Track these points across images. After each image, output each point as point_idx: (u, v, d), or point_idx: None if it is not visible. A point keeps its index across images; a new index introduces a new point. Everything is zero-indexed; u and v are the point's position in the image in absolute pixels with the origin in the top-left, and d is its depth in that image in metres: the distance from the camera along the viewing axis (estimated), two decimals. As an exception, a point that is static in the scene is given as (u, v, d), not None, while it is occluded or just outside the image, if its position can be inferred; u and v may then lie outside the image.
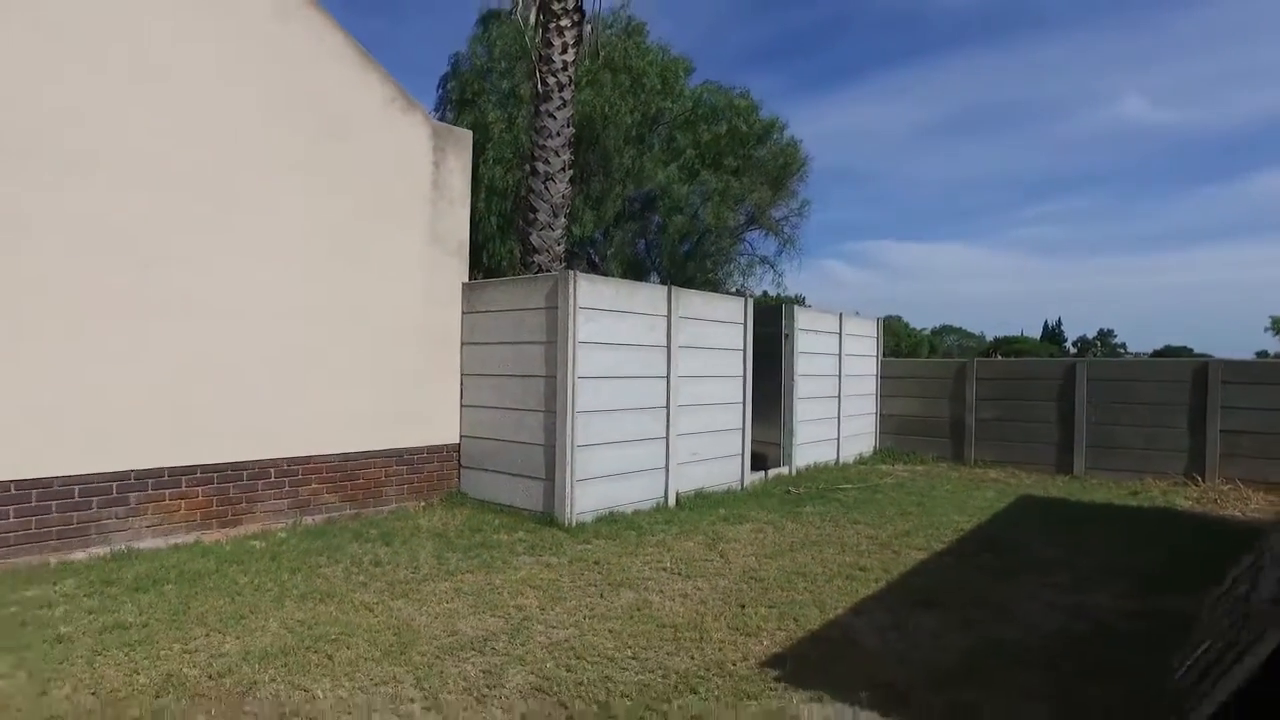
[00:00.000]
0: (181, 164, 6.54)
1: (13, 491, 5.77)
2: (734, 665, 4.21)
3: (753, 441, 10.26)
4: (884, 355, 14.00)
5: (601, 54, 14.22)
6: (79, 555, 6.07)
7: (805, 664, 4.23)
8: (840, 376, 12.33)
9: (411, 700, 3.74)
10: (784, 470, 10.99)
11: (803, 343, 11.31)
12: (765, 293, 27.68)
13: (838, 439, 12.32)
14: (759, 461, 10.67)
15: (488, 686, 3.90)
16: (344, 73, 7.68)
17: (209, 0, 6.69)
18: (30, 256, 5.79)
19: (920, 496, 9.47)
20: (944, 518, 8.18)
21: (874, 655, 4.40)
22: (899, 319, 79.77)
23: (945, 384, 13.07)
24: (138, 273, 6.31)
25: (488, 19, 19.97)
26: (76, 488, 6.07)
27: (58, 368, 5.93)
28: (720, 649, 4.44)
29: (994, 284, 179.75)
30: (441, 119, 19.10)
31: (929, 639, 4.67)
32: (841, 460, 12.33)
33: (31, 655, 4.15)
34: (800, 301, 58.43)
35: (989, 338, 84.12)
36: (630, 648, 4.44)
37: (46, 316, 5.87)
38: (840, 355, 12.34)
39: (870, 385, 13.44)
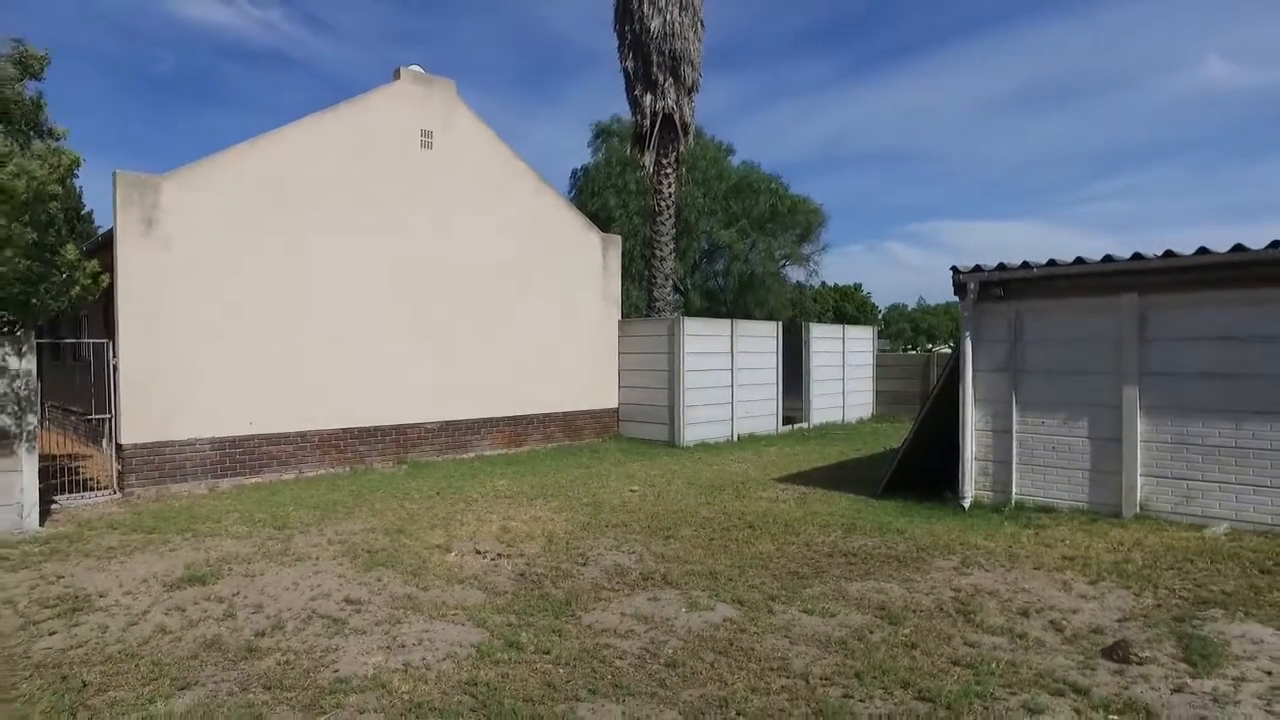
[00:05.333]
0: (504, 272, 13.95)
1: (443, 425, 13.27)
2: (759, 479, 11.29)
3: (785, 407, 17.26)
4: (937, 349, 20.70)
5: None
6: (464, 455, 13.54)
7: (786, 479, 11.29)
8: (843, 366, 19.18)
9: (643, 484, 10.92)
10: (804, 425, 17.95)
11: (816, 346, 18.22)
12: (822, 283, 37.43)
13: (843, 406, 19.20)
14: (789, 419, 17.64)
15: (668, 482, 11.07)
16: (561, 215, 15.02)
17: (507, 196, 14.08)
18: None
19: (879, 435, 16.38)
20: (881, 443, 15.10)
21: (812, 478, 11.42)
22: (957, 305, 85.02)
23: (918, 369, 19.84)
24: (485, 321, 13.76)
25: (599, 133, 28.75)
26: (464, 423, 13.56)
27: (462, 367, 13.40)
28: (754, 477, 11.52)
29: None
30: (575, 201, 27.27)
31: (836, 475, 11.67)
32: (845, 420, 19.19)
33: (496, 480, 11.51)
34: (858, 289, 64.74)
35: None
36: (719, 475, 11.57)
37: (457, 341, 13.35)
38: (843, 353, 19.18)
39: (868, 372, 20.24)
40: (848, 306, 62.09)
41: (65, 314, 12.04)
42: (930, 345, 68.88)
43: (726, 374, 15.70)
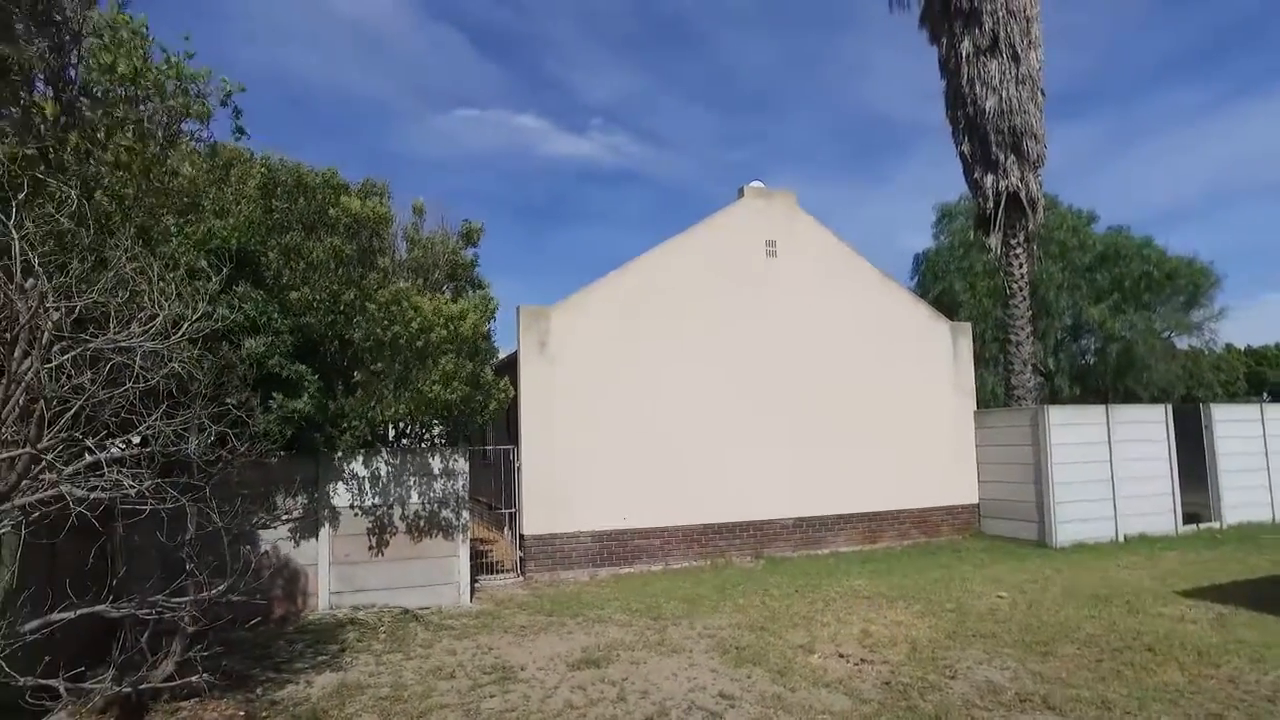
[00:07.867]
0: (852, 368, 14.15)
1: (797, 521, 13.55)
2: (1155, 590, 9.85)
3: (1184, 502, 14.86)
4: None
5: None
6: (818, 551, 13.63)
7: (1193, 593, 9.70)
8: (1266, 453, 16.00)
9: (1011, 589, 10.08)
10: (1214, 525, 15.21)
11: (1220, 430, 15.52)
12: (1227, 346, 33.85)
13: (1271, 503, 15.94)
14: (1192, 517, 15.10)
15: (1041, 588, 10.10)
16: (906, 306, 14.94)
17: (850, 293, 14.37)
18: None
19: (1325, 540, 13.31)
20: (1330, 550, 12.26)
21: (1231, 593, 9.65)
22: None
23: (1377, 456, 15.87)
24: (836, 418, 13.96)
25: (942, 217, 28.11)
26: (818, 520, 13.72)
27: (815, 464, 13.67)
28: (1149, 587, 10.06)
29: None
30: (918, 286, 27.17)
31: (1269, 592, 9.73)
32: (1276, 520, 15.87)
33: (853, 579, 11.38)
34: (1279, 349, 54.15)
35: None
36: (1102, 583, 10.30)
37: (809, 439, 13.69)
38: (1264, 436, 16.04)
39: (1303, 458, 16.64)
40: (1266, 372, 51.39)
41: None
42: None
43: (1104, 465, 14.03)
